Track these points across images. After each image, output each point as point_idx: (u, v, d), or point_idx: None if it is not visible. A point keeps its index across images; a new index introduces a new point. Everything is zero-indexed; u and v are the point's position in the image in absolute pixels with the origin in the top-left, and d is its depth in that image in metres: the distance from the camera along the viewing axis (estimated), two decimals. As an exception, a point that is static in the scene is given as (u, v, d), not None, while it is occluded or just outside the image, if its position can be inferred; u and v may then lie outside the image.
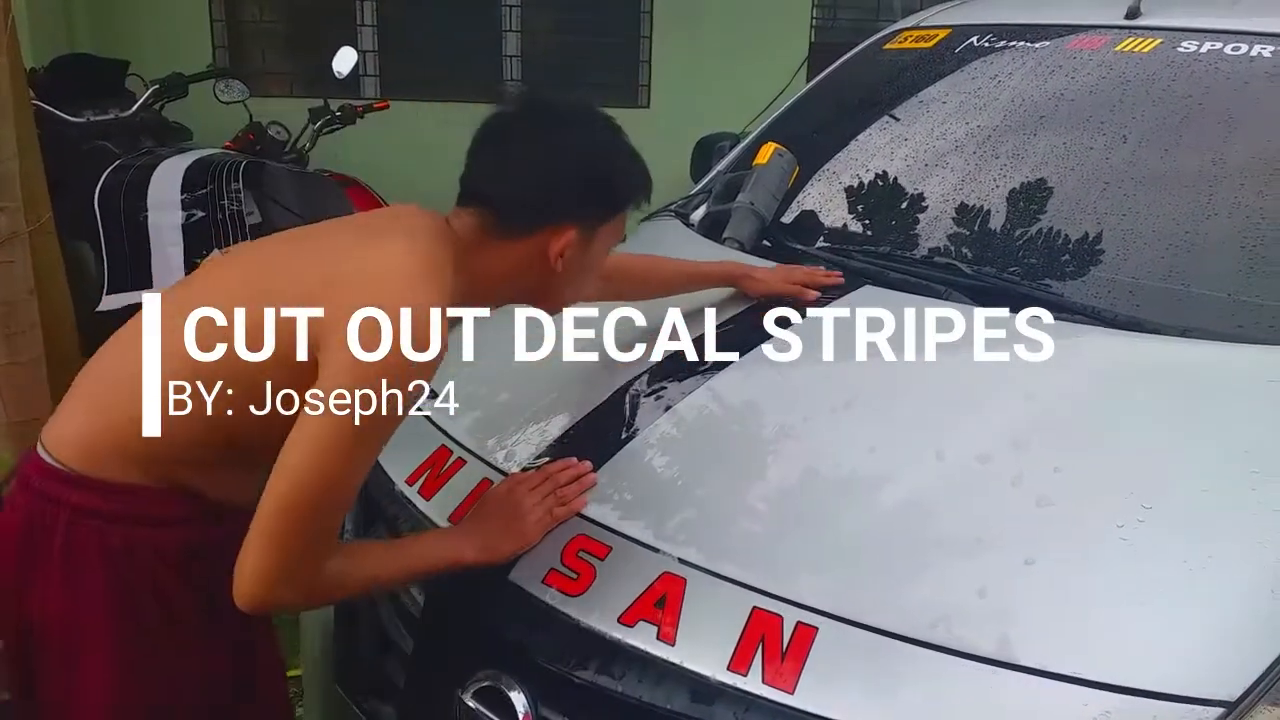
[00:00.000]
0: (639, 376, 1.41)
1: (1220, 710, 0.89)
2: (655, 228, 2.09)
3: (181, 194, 3.03)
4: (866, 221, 1.84)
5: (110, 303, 2.96)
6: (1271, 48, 1.65)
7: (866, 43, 2.25)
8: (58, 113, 3.25)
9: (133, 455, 1.10)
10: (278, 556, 1.01)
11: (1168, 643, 0.96)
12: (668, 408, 1.34)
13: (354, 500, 1.17)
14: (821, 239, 1.80)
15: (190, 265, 3.03)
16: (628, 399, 1.36)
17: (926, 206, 1.74)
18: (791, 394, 1.38)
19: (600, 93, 4.87)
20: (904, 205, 1.78)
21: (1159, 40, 1.78)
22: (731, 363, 1.40)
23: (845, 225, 1.85)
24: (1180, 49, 1.74)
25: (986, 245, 1.64)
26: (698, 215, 2.04)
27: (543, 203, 1.12)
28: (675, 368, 1.42)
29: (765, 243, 1.82)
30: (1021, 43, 1.94)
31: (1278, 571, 0.99)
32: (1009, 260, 1.59)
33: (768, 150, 1.93)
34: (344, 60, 3.41)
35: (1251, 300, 1.41)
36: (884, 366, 1.40)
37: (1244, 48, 1.68)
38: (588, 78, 4.87)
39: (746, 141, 2.25)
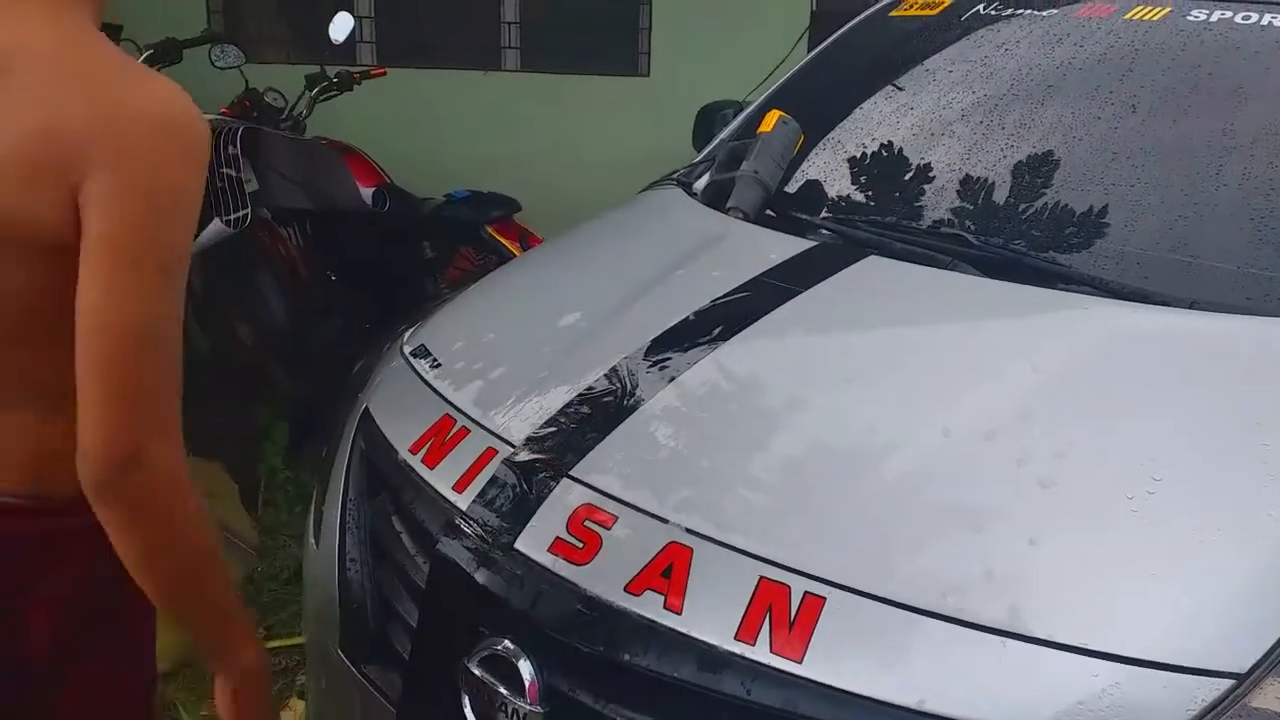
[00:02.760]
0: (644, 346, 1.40)
1: (1230, 682, 0.89)
2: (657, 196, 2.07)
3: None
4: (872, 191, 1.82)
5: None
6: (1284, 16, 1.63)
7: (872, 9, 2.22)
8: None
9: None
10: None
11: (1177, 614, 0.96)
12: (673, 378, 1.33)
13: None
14: (826, 208, 1.78)
15: None
16: (633, 368, 1.35)
17: (933, 176, 1.73)
18: (797, 365, 1.37)
19: (600, 60, 4.81)
20: (910, 175, 1.77)
21: (1168, 8, 1.76)
22: (737, 333, 1.39)
23: (850, 194, 1.83)
24: (1190, 17, 1.72)
25: (993, 215, 1.63)
26: (701, 184, 2.02)
27: None
28: (680, 337, 1.41)
29: (769, 212, 1.81)
30: (1029, 10, 1.91)
31: (1287, 543, 0.99)
32: (1016, 231, 1.58)
33: (772, 118, 1.91)
34: (340, 26, 3.37)
35: (1261, 272, 1.40)
36: (890, 338, 1.40)
37: (1254, 16, 1.67)
38: (588, 45, 4.82)
39: (750, 109, 2.23)
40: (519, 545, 1.16)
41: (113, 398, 0.92)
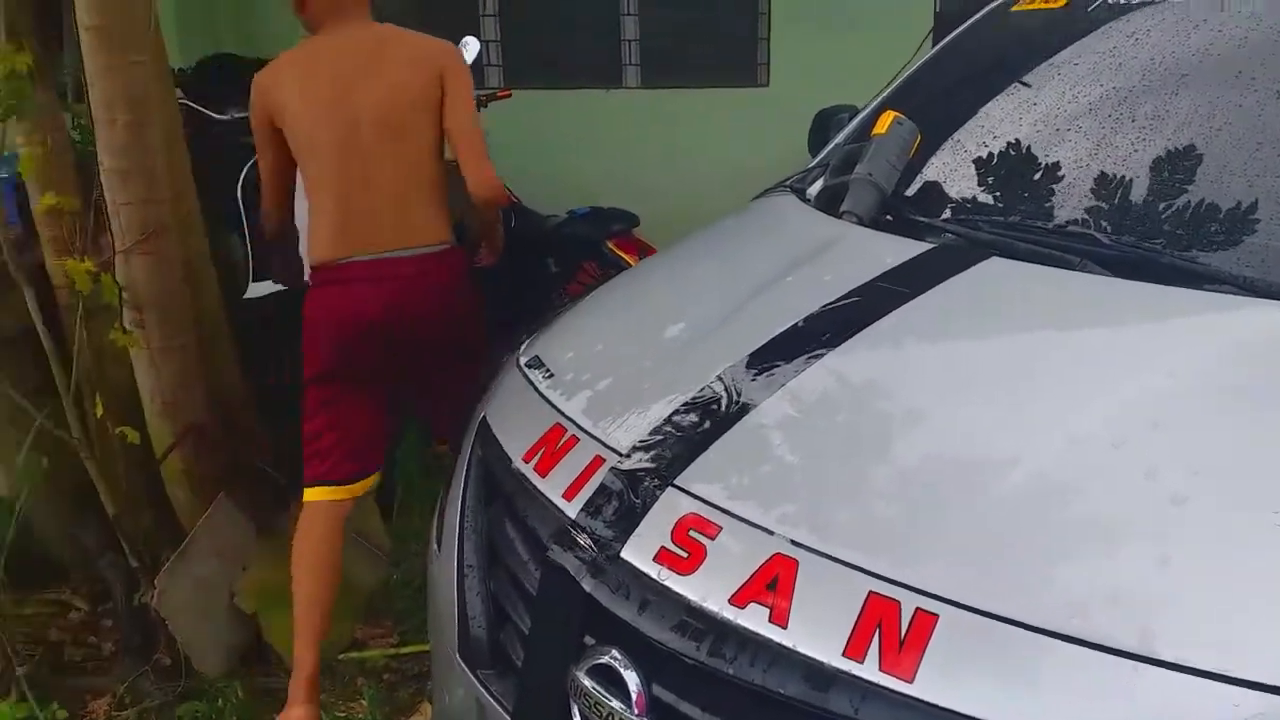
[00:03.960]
0: (751, 353, 1.38)
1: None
2: (769, 203, 2.05)
3: None
4: (994, 190, 1.75)
5: (256, 290, 3.13)
6: None
7: (993, 5, 2.14)
8: (204, 110, 3.43)
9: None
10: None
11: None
12: (782, 384, 1.31)
13: None
14: (945, 210, 1.72)
15: None
16: (739, 376, 1.34)
17: (1060, 173, 1.64)
18: (911, 372, 1.32)
19: (719, 73, 4.81)
20: (1034, 173, 1.69)
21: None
22: (848, 340, 1.36)
23: (970, 195, 1.76)
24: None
25: (1126, 213, 1.54)
26: (814, 189, 1.99)
27: None
28: (789, 344, 1.38)
29: (886, 215, 1.76)
30: (1164, -5, 1.80)
31: None
32: (1152, 228, 1.48)
33: (886, 119, 1.86)
34: (468, 50, 3.48)
35: None
36: (1012, 343, 1.34)
37: None
38: (706, 58, 4.83)
39: (865, 112, 2.18)
40: (625, 554, 1.16)
41: (478, 157, 2.23)
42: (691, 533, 1.13)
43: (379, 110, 2.17)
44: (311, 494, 2.22)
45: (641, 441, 1.29)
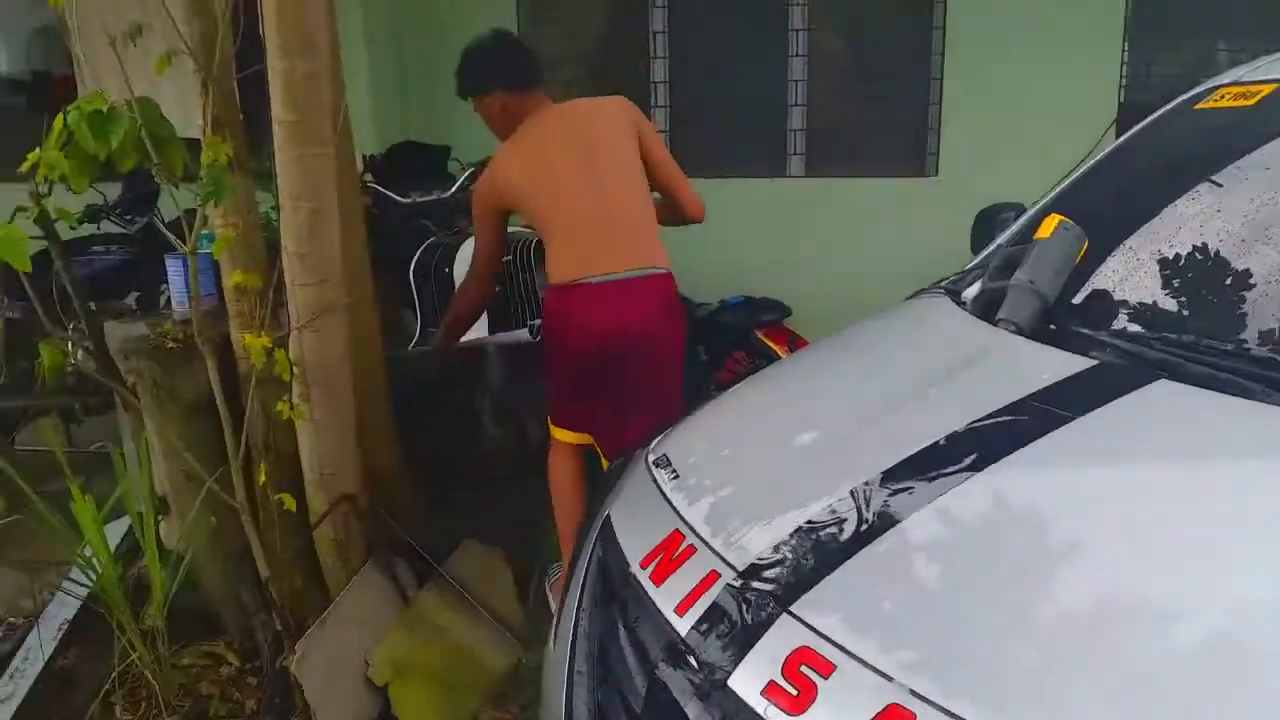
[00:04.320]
0: (885, 472, 1.30)
1: None
2: (920, 305, 1.97)
3: None
4: (1166, 305, 1.60)
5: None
6: None
7: (1174, 103, 2.00)
8: (389, 194, 3.67)
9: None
10: None
11: None
12: (917, 508, 1.22)
13: None
14: (1111, 324, 1.59)
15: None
16: (869, 496, 1.26)
17: (1241, 290, 1.49)
18: (1063, 506, 1.20)
19: (886, 162, 4.74)
20: (1213, 288, 1.54)
21: None
22: (993, 464, 1.26)
23: (1140, 308, 1.62)
24: None
25: (1325, 335, 1.37)
26: (970, 292, 1.89)
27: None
28: (927, 464, 1.29)
29: (1046, 326, 1.64)
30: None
31: None
32: (1357, 354, 1.32)
33: (1051, 222, 1.75)
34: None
35: None
36: (1181, 479, 1.20)
37: None
38: (873, 148, 4.77)
39: (1031, 212, 2.07)
40: (732, 683, 1.09)
41: (687, 188, 2.77)
42: (803, 668, 1.05)
43: (608, 159, 2.65)
44: (557, 433, 2.77)
45: (761, 559, 1.23)
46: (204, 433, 2.55)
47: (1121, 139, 2.11)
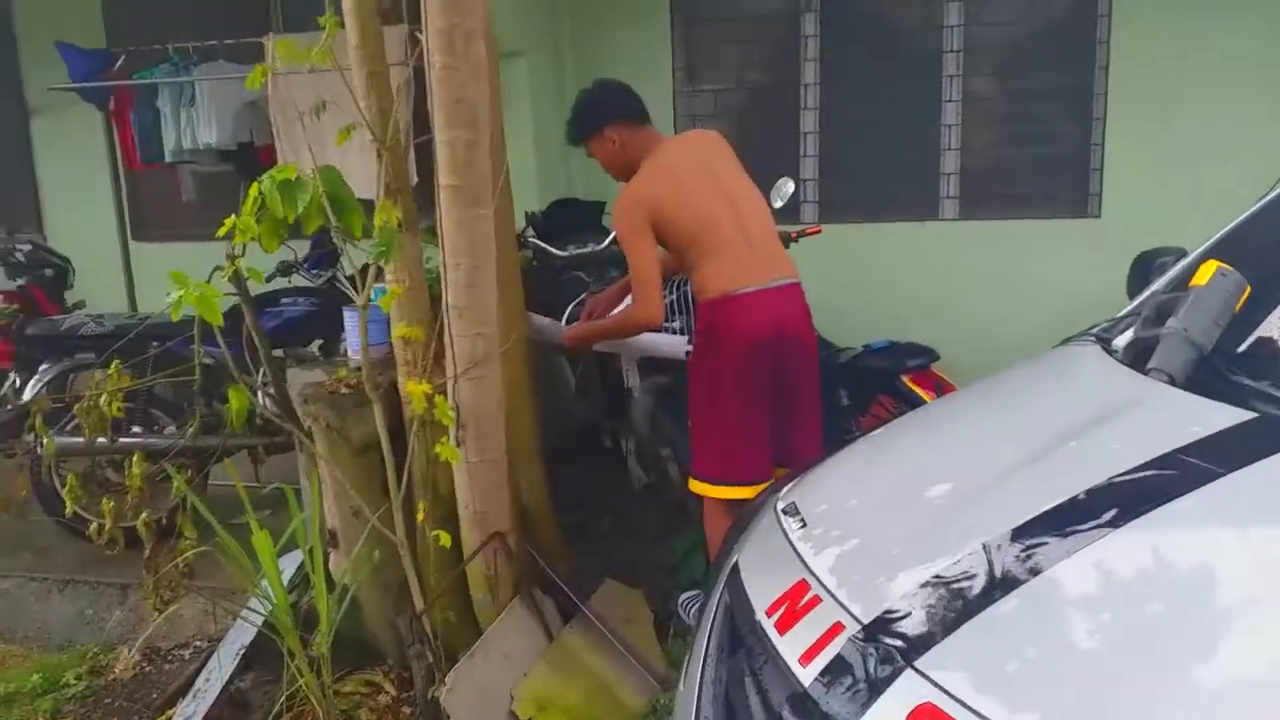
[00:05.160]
0: (1019, 526, 1.27)
1: None
2: (1070, 352, 1.91)
3: None
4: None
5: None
6: None
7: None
8: (547, 247, 3.84)
9: None
10: None
11: None
12: (1050, 565, 1.19)
13: None
14: (1271, 375, 1.50)
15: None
16: (1001, 551, 1.24)
17: None
18: (1208, 567, 1.15)
19: (1045, 204, 4.57)
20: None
21: None
22: (1133, 520, 1.21)
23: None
24: None
25: None
26: (1122, 341, 1.82)
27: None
28: (1063, 519, 1.26)
29: (1201, 377, 1.57)
30: None
31: None
32: None
33: (1209, 269, 1.68)
34: (782, 192, 3.61)
35: None
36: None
37: None
38: (1030, 189, 4.61)
39: (1190, 258, 1.97)
40: (855, 731, 1.10)
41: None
42: (924, 723, 1.05)
43: (733, 180, 2.85)
44: (700, 488, 2.85)
45: (887, 613, 1.23)
46: (369, 472, 2.74)
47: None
